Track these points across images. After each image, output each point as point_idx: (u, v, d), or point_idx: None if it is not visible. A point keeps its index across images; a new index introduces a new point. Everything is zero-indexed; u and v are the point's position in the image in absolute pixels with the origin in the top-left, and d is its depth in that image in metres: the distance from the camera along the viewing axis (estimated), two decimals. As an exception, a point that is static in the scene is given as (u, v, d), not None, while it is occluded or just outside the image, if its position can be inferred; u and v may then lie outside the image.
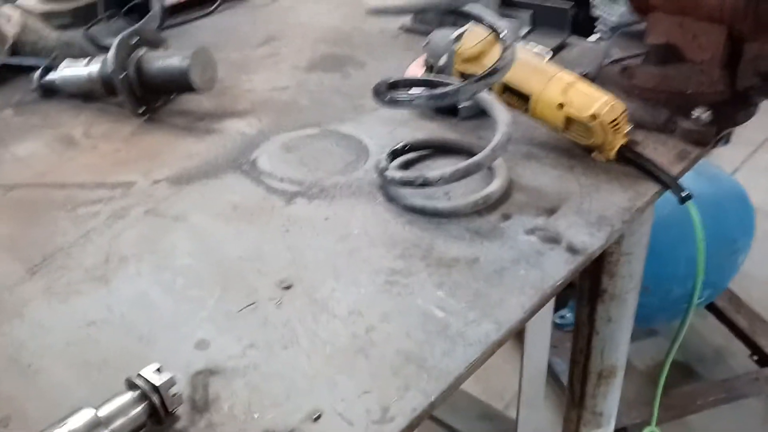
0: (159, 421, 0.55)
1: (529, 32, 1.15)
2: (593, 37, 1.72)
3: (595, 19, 1.77)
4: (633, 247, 1.04)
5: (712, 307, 1.98)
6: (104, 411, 0.53)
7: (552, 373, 1.74)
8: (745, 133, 0.94)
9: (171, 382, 0.55)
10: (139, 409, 0.54)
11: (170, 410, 0.55)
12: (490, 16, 0.78)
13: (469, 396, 1.59)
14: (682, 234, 1.57)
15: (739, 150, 2.74)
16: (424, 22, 1.21)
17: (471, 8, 0.78)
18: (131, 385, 0.55)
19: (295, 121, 0.98)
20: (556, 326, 1.83)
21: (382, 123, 0.95)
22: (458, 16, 0.90)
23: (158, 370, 0.55)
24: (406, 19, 1.23)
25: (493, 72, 0.74)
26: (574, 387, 1.26)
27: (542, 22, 1.16)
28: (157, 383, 0.54)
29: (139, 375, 0.55)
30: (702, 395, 1.81)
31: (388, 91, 0.77)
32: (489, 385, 1.83)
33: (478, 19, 0.79)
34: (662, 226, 1.21)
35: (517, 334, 1.13)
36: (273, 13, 1.35)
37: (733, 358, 2.00)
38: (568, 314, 1.94)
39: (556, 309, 1.90)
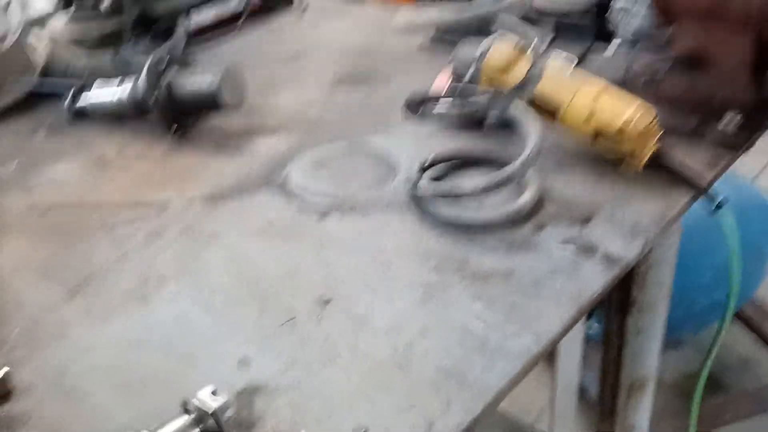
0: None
1: (551, 43, 1.16)
2: (612, 47, 1.72)
3: (614, 28, 1.77)
4: (662, 257, 1.03)
5: (738, 317, 1.96)
6: (161, 434, 0.53)
7: (580, 385, 1.73)
8: (762, 141, 0.93)
9: (226, 406, 0.55)
10: (195, 432, 0.54)
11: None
12: (520, 28, 0.79)
13: (498, 410, 1.57)
14: (707, 243, 1.56)
15: (757, 157, 2.71)
16: (446, 36, 1.22)
17: (500, 22, 0.78)
18: (187, 408, 0.55)
19: (324, 136, 0.99)
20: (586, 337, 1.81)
21: (410, 136, 0.96)
22: (484, 30, 0.91)
23: (214, 392, 0.55)
24: (429, 34, 1.24)
25: (525, 83, 0.74)
26: (605, 399, 1.25)
27: (564, 32, 1.16)
28: (213, 407, 0.54)
29: (195, 397, 0.55)
30: (732, 407, 1.78)
31: (420, 105, 0.78)
32: (516, 399, 1.81)
33: (508, 32, 0.80)
34: (687, 236, 1.20)
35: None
36: (296, 32, 1.36)
37: (761, 367, 1.97)
38: (594, 325, 1.92)
39: (582, 320, 1.88)
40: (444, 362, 0.62)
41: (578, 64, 1.10)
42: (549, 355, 1.33)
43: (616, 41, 1.73)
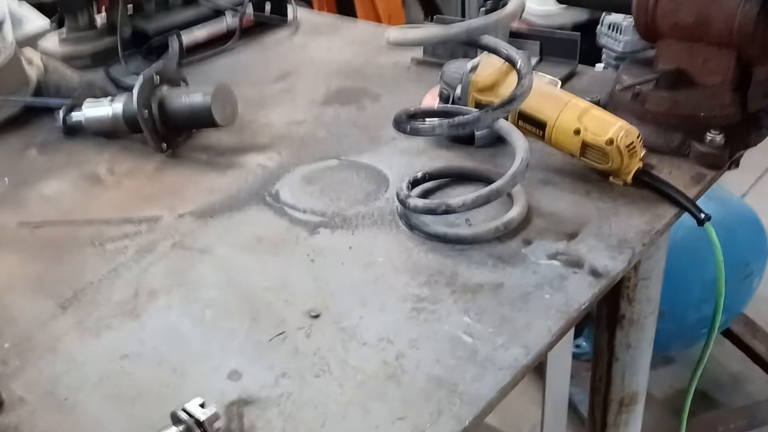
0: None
1: (538, 62, 1.18)
2: (599, 66, 1.75)
3: (600, 48, 1.80)
4: (650, 271, 1.04)
5: (728, 333, 1.97)
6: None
7: (569, 403, 1.73)
8: (751, 158, 0.95)
9: (215, 417, 0.55)
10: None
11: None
12: (506, 46, 0.80)
13: (489, 427, 1.57)
14: (696, 259, 1.58)
15: (746, 175, 2.75)
16: (435, 55, 1.24)
17: (487, 40, 0.80)
18: (175, 420, 0.56)
19: (314, 153, 1.00)
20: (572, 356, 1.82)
21: (399, 153, 0.97)
22: (471, 48, 0.92)
23: (202, 405, 0.55)
24: (418, 53, 1.26)
25: (511, 99, 0.75)
26: (595, 416, 1.25)
27: (550, 52, 1.19)
28: (202, 418, 0.54)
29: (184, 409, 0.55)
30: (723, 422, 1.79)
31: (409, 121, 0.79)
32: (506, 416, 1.81)
33: (495, 50, 0.81)
34: (675, 251, 1.22)
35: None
36: (286, 51, 1.38)
37: (751, 383, 1.98)
38: (583, 343, 1.93)
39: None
40: (434, 373, 0.63)
41: (566, 80, 1.12)
42: (538, 372, 1.34)
43: (603, 59, 1.76)
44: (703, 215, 0.81)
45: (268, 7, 1.44)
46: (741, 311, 1.92)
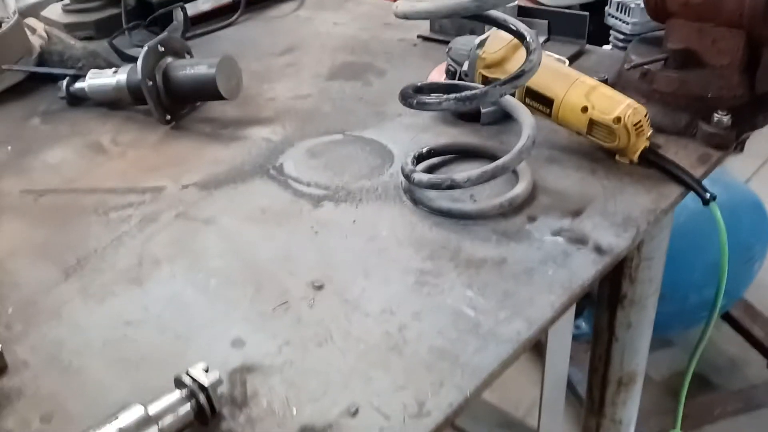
0: (205, 421, 0.56)
1: (546, 41, 1.17)
2: (607, 47, 1.74)
3: (607, 29, 1.79)
4: (653, 251, 1.04)
5: (727, 317, 1.98)
6: (154, 409, 0.53)
7: (567, 383, 1.74)
8: (754, 145, 0.94)
9: (219, 382, 0.55)
10: (187, 407, 0.54)
11: (217, 410, 0.55)
12: (514, 21, 0.80)
13: (488, 404, 1.58)
14: (699, 241, 1.58)
15: (750, 161, 2.74)
16: (442, 31, 1.23)
17: (496, 14, 0.79)
18: (179, 384, 0.56)
19: (319, 127, 0.99)
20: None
21: (404, 129, 0.97)
22: (480, 23, 0.92)
23: (206, 369, 0.56)
24: (425, 29, 1.25)
25: (520, 74, 0.75)
26: (593, 395, 1.26)
27: (559, 30, 1.18)
28: (206, 383, 0.55)
29: (187, 373, 0.56)
30: (719, 405, 1.80)
31: (415, 95, 0.78)
32: (504, 395, 1.82)
33: (504, 24, 0.80)
34: (678, 233, 1.21)
35: (535, 344, 1.13)
36: (291, 24, 1.37)
37: (749, 368, 1.99)
38: (582, 324, 1.93)
39: (571, 318, 1.89)
40: (437, 344, 0.63)
41: (574, 59, 1.11)
42: (538, 352, 1.35)
43: (610, 40, 1.75)
44: (708, 195, 0.81)
45: (273, -20, 1.43)
46: (741, 295, 1.92)
